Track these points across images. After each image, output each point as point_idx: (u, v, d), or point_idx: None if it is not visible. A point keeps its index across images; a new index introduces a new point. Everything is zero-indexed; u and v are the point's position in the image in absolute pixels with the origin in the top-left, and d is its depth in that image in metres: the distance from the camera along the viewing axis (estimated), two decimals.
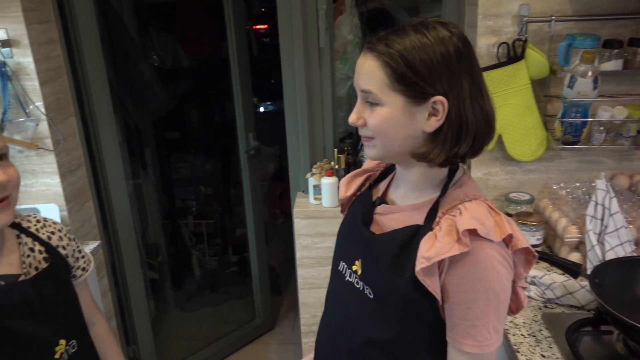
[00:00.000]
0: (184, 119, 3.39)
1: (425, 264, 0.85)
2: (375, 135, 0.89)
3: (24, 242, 1.03)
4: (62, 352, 1.00)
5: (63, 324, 1.01)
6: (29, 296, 0.96)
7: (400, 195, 0.99)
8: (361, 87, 0.89)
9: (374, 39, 0.88)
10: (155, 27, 2.93)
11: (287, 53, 1.82)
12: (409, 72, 0.83)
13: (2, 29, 1.65)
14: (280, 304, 3.14)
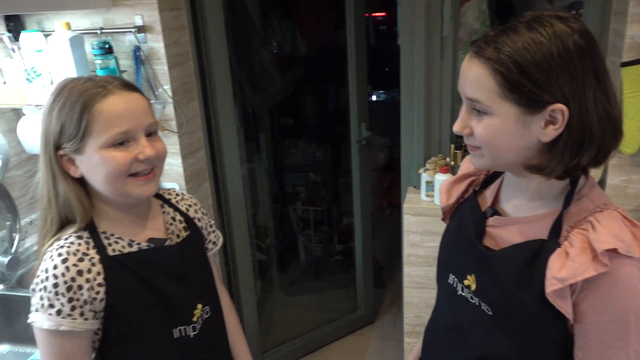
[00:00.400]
0: (299, 105, 3.44)
1: (558, 285, 0.77)
2: (484, 146, 0.82)
3: (167, 212, 1.10)
4: (199, 315, 1.05)
5: (200, 289, 1.07)
6: (174, 259, 1.02)
7: (514, 205, 0.90)
8: (467, 95, 0.81)
9: (481, 41, 0.79)
10: (276, 14, 2.99)
11: (407, 41, 1.74)
12: (522, 79, 0.75)
13: (139, 15, 1.75)
14: (383, 298, 3.09)
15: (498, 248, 0.88)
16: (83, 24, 1.81)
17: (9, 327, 1.66)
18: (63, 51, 1.70)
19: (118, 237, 0.99)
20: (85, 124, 0.90)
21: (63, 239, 0.94)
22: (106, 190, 0.95)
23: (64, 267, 0.90)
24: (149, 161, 0.94)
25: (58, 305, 0.89)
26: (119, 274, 0.95)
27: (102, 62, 1.74)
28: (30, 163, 1.94)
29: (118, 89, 0.93)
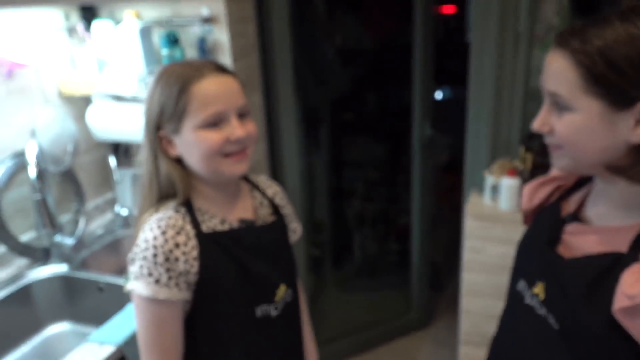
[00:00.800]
0: (360, 101, 3.38)
1: (627, 302, 0.70)
2: (564, 145, 0.76)
3: (255, 196, 1.14)
4: (282, 296, 1.08)
5: (285, 271, 1.10)
6: (263, 240, 1.06)
7: (598, 213, 0.83)
8: (548, 88, 0.76)
9: (566, 32, 0.74)
10: (341, 7, 2.94)
11: (479, 36, 1.66)
12: (610, 72, 0.69)
13: (205, 6, 1.76)
14: (439, 302, 3.00)
15: (571, 256, 0.82)
16: (151, 14, 1.84)
17: (71, 306, 1.72)
18: (132, 40, 1.73)
19: (211, 214, 1.03)
20: (183, 105, 0.94)
21: (162, 213, 0.98)
22: (201, 169, 0.99)
23: (163, 239, 0.94)
24: (240, 142, 0.97)
25: (156, 274, 0.94)
26: (212, 250, 0.99)
27: (168, 53, 1.76)
28: (98, 149, 2.01)
29: (212, 72, 0.96)
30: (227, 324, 1.03)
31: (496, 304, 1.76)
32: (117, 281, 1.65)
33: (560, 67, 0.73)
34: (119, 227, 1.96)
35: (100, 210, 2.02)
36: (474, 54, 1.69)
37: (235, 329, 1.04)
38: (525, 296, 0.89)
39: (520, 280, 0.92)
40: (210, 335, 1.04)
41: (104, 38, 1.77)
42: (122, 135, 1.86)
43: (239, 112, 0.98)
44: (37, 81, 1.73)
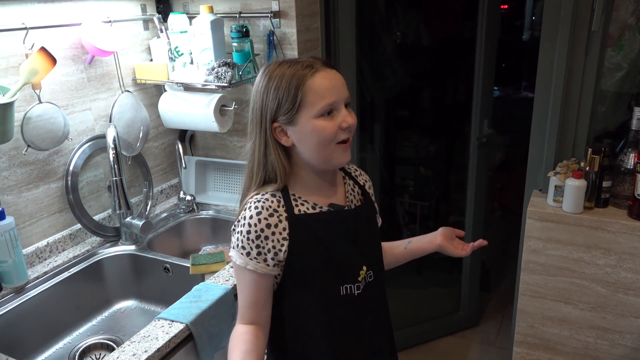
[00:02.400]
0: (416, 97, 3.37)
1: None
2: None
3: (347, 183, 1.22)
4: (364, 276, 1.15)
5: (367, 253, 1.17)
6: (348, 223, 1.13)
7: None
8: None
9: None
10: (401, 3, 2.95)
11: (549, 34, 1.63)
12: None
13: (275, 1, 1.81)
14: (488, 302, 2.98)
15: None
16: (222, 7, 1.90)
17: (138, 285, 1.81)
18: (204, 33, 1.80)
19: (305, 200, 1.12)
20: (300, 98, 1.02)
21: (261, 195, 1.09)
22: (315, 156, 1.07)
23: (257, 219, 1.06)
24: (349, 129, 1.06)
25: (248, 248, 1.07)
26: (301, 231, 1.09)
27: (238, 45, 1.82)
28: (166, 136, 2.10)
29: (323, 67, 1.05)
30: (312, 300, 1.12)
31: (553, 306, 1.75)
32: (182, 262, 1.72)
33: None
34: (182, 212, 2.04)
35: (166, 194, 2.11)
36: (543, 51, 1.66)
37: (320, 305, 1.12)
38: None
39: None
40: (296, 311, 1.13)
41: (179, 30, 1.84)
42: (189, 124, 1.93)
43: (345, 103, 1.07)
44: (115, 69, 1.82)
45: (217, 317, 1.45)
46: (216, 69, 1.77)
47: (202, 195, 2.11)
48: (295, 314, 1.13)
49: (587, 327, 1.72)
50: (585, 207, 1.65)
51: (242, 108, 1.97)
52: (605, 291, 1.66)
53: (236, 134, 2.07)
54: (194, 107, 1.89)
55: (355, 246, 1.14)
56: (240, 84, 1.84)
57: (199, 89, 1.94)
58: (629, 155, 1.61)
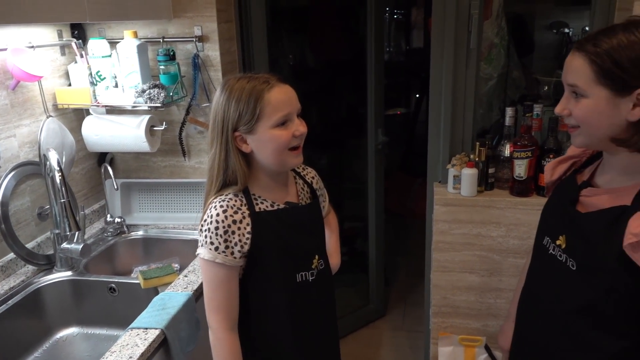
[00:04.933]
0: (307, 114, 3.63)
1: (633, 239, 0.94)
2: (580, 124, 1.01)
3: (298, 182, 1.37)
4: (316, 264, 1.31)
5: (319, 244, 1.35)
6: (303, 218, 1.30)
7: (606, 179, 1.08)
8: (568, 81, 1.01)
9: (583, 39, 0.99)
10: (286, 29, 3.21)
11: (438, 52, 1.99)
12: (614, 68, 0.93)
13: (198, 26, 1.94)
14: (389, 294, 3.30)
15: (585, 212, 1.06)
16: (143, 32, 1.98)
17: (79, 311, 1.78)
18: (131, 57, 1.87)
19: (264, 199, 1.26)
20: (259, 111, 1.16)
21: (224, 195, 1.23)
22: (271, 161, 1.21)
23: (223, 216, 1.19)
24: (301, 137, 1.22)
25: (216, 243, 1.19)
26: (262, 226, 1.23)
27: (165, 68, 1.92)
28: (86, 160, 2.08)
29: (278, 83, 1.19)
30: (273, 287, 1.27)
31: (460, 277, 2.09)
32: (130, 280, 1.75)
33: (579, 65, 0.97)
34: (110, 235, 2.04)
35: (89, 220, 2.09)
36: (433, 66, 2.01)
37: (279, 291, 1.27)
38: (549, 248, 1.14)
39: (544, 237, 1.17)
40: (259, 296, 1.28)
41: (100, 55, 1.88)
42: (117, 146, 1.96)
43: (297, 114, 1.22)
44: (36, 94, 1.80)
45: (184, 322, 1.52)
46: (147, 90, 1.84)
47: (128, 216, 2.13)
48: (258, 300, 1.27)
49: (488, 290, 2.08)
50: (478, 191, 2.02)
51: (167, 128, 2.04)
52: (499, 258, 2.03)
53: (160, 154, 2.13)
54: (123, 128, 1.93)
55: (309, 238, 1.31)
56: (170, 105, 1.93)
57: (127, 111, 1.98)
58: (506, 146, 2.01)
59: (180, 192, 2.14)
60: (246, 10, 2.09)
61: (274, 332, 1.30)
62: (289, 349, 1.31)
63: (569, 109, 1.02)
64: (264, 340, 1.31)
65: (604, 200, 1.05)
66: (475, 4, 1.90)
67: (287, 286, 1.27)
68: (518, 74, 2.23)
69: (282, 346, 1.31)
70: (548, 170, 1.26)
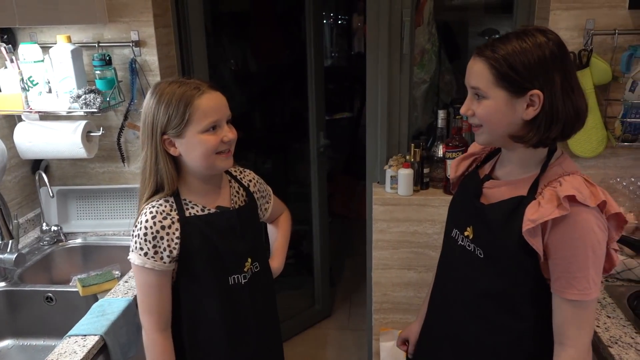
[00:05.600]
0: (250, 119, 3.66)
1: (531, 225, 1.04)
2: (483, 123, 1.11)
3: (232, 186, 1.38)
4: (249, 267, 1.33)
5: (252, 247, 1.35)
6: (233, 222, 1.31)
7: (505, 172, 1.19)
8: (471, 84, 1.10)
9: (483, 45, 1.09)
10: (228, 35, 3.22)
11: (373, 57, 2.06)
12: (510, 72, 1.03)
13: (135, 31, 1.93)
14: (335, 294, 3.36)
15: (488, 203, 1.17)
16: (78, 37, 1.96)
17: (14, 322, 1.73)
18: (64, 62, 1.84)
19: (194, 203, 1.28)
20: (188, 116, 1.18)
21: (155, 201, 1.25)
22: (200, 165, 1.23)
23: (152, 222, 1.22)
24: (230, 142, 1.24)
25: (145, 249, 1.22)
26: (191, 231, 1.25)
27: (101, 73, 1.90)
28: (18, 168, 2.02)
29: (208, 90, 1.21)
30: (204, 290, 1.29)
31: (399, 274, 2.16)
32: (68, 289, 1.72)
33: (479, 69, 1.06)
34: (46, 244, 1.99)
35: (24, 229, 2.03)
36: (369, 71, 2.09)
37: (211, 294, 1.29)
38: (458, 239, 1.22)
39: (453, 229, 1.26)
40: (191, 299, 1.30)
41: (32, 60, 1.84)
42: (51, 152, 1.92)
43: (227, 120, 1.24)
44: None
45: (124, 327, 1.51)
46: (83, 96, 1.82)
47: (65, 224, 2.08)
48: (190, 302, 1.29)
49: (426, 285, 2.16)
50: (414, 190, 2.10)
51: (105, 134, 2.01)
52: (435, 254, 2.12)
53: (98, 160, 2.10)
54: (58, 135, 1.89)
55: (240, 241, 1.31)
56: (108, 110, 1.91)
57: (62, 117, 1.94)
58: (439, 147, 2.10)
59: (120, 198, 2.12)
60: (184, 15, 2.09)
61: (206, 334, 1.31)
62: (222, 350, 1.32)
63: (472, 109, 1.11)
64: (195, 342, 1.32)
65: (503, 191, 1.15)
66: (407, 11, 1.99)
67: (218, 289, 1.29)
68: (449, 78, 2.34)
69: (215, 348, 1.32)
70: (452, 167, 1.35)
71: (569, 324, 1.08)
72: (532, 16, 1.97)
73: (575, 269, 1.04)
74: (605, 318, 1.43)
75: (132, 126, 2.02)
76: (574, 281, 1.04)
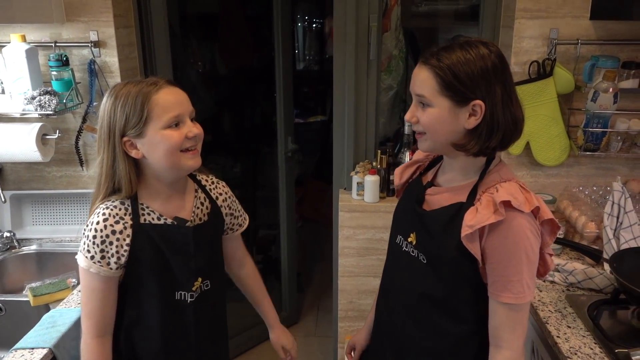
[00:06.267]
0: (219, 122, 3.60)
1: (469, 231, 1.06)
2: (426, 130, 1.11)
3: (198, 196, 1.31)
4: (198, 286, 1.27)
5: (204, 266, 1.28)
6: (187, 239, 1.24)
7: (446, 179, 1.20)
8: (416, 92, 1.10)
9: (428, 54, 1.09)
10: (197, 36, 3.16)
11: (340, 63, 2.04)
12: (454, 81, 1.04)
13: (94, 31, 1.87)
14: (303, 301, 3.32)
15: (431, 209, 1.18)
16: (33, 36, 1.88)
17: None
18: (18, 62, 1.77)
19: (152, 210, 1.22)
20: (147, 112, 1.12)
21: (110, 202, 1.19)
22: (164, 164, 1.16)
23: (103, 225, 1.16)
24: (195, 138, 1.17)
25: (92, 252, 1.16)
26: (143, 239, 1.19)
27: (57, 74, 1.83)
28: None
29: (166, 85, 1.16)
30: (149, 300, 1.23)
31: (365, 281, 2.14)
32: (18, 298, 1.64)
33: (424, 76, 1.06)
34: None
35: None
36: (336, 77, 2.06)
37: (155, 306, 1.23)
38: (402, 246, 1.23)
39: (397, 236, 1.26)
40: (135, 307, 1.24)
41: None
42: (4, 156, 1.84)
43: (190, 116, 1.18)
44: None
45: (77, 340, 1.45)
46: (37, 97, 1.75)
47: (20, 230, 2.00)
48: (134, 311, 1.24)
49: None
50: (380, 197, 2.09)
51: (62, 137, 1.94)
52: None
53: (55, 164, 2.03)
54: (11, 138, 1.81)
55: (192, 259, 1.24)
56: (65, 112, 1.84)
57: (16, 119, 1.86)
58: (405, 153, 2.09)
59: (77, 203, 2.04)
60: (147, 15, 2.04)
61: (144, 345, 1.26)
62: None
63: (416, 116, 1.11)
64: (132, 351, 1.26)
65: (445, 197, 1.16)
66: (374, 16, 1.98)
67: (162, 302, 1.23)
68: None
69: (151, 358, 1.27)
70: (397, 174, 1.35)
71: (504, 326, 1.10)
72: (497, 24, 1.97)
73: (510, 272, 1.07)
74: (566, 328, 1.43)
75: (91, 129, 1.96)
76: (509, 285, 1.07)
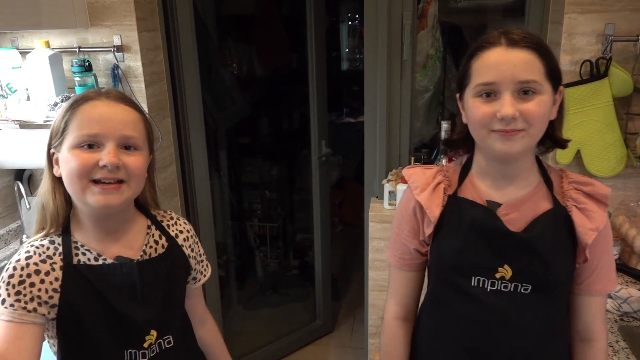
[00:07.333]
0: (256, 125, 3.55)
1: (594, 234, 0.97)
2: (534, 123, 0.92)
3: (152, 234, 1.07)
4: (152, 342, 1.01)
5: (158, 315, 1.02)
6: (133, 279, 0.99)
7: (507, 192, 1.01)
8: (521, 78, 0.90)
9: (513, 35, 0.92)
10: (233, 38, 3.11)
11: (371, 64, 1.92)
12: (554, 65, 0.94)
13: (117, 35, 1.83)
14: (339, 309, 3.22)
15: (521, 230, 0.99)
16: (59, 42, 1.86)
17: None
18: (42, 68, 1.75)
19: (87, 248, 0.99)
20: (65, 122, 0.94)
21: (38, 240, 0.98)
22: (70, 191, 0.96)
23: (25, 263, 0.93)
24: (110, 169, 0.92)
25: (4, 295, 0.90)
26: (76, 284, 0.95)
27: (80, 79, 1.80)
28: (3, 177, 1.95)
29: (108, 98, 0.96)
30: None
31: None
32: None
33: (528, 59, 0.91)
34: None
35: (4, 241, 1.95)
36: (367, 79, 1.94)
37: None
38: (485, 287, 1.00)
39: (472, 278, 1.01)
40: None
41: (10, 66, 1.76)
42: (30, 163, 1.83)
43: (121, 142, 0.95)
44: None
45: None
46: (59, 103, 1.72)
47: None
48: None
49: None
50: None
51: None
52: None
53: None
54: (36, 144, 1.80)
55: (141, 306, 0.99)
56: None
57: (41, 125, 1.85)
58: (442, 161, 1.95)
59: None
60: (172, 18, 1.98)
61: None
62: None
63: (517, 110, 0.92)
64: None
65: (525, 212, 1.01)
66: (408, 14, 1.84)
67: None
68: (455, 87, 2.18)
69: None
70: (427, 204, 1.04)
71: (597, 318, 1.06)
72: (545, 20, 1.79)
73: (608, 260, 1.03)
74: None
75: None
76: (610, 273, 1.04)
